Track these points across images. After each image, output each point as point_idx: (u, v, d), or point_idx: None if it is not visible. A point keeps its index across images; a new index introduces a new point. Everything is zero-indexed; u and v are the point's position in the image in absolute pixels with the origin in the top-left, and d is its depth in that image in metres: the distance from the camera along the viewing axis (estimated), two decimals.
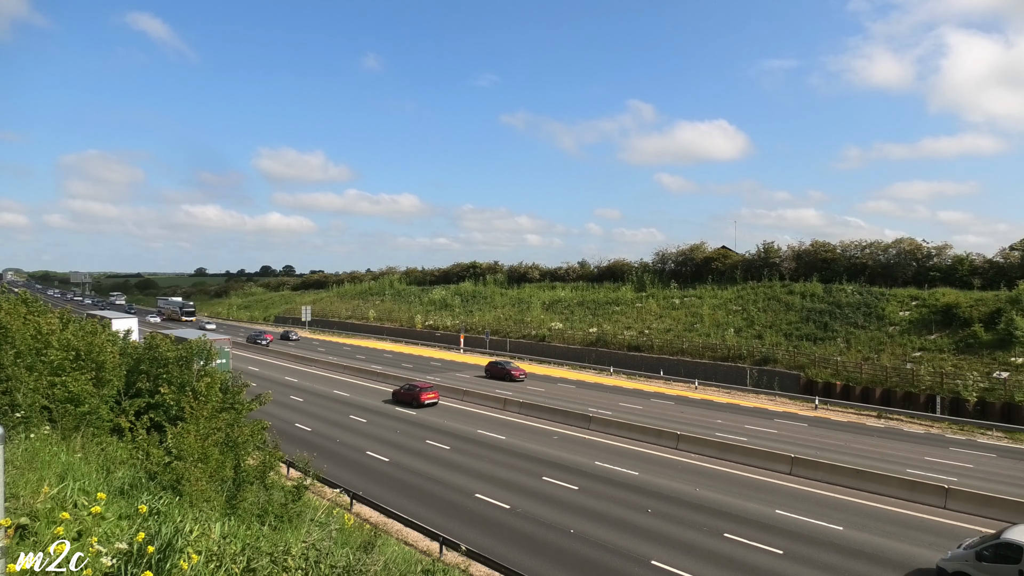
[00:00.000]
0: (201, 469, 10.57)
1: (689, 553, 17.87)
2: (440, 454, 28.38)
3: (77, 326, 19.58)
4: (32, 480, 5.96)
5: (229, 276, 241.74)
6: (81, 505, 5.05)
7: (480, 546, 17.24)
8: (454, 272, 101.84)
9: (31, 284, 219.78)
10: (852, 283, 55.08)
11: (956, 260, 53.88)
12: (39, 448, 7.97)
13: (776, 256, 64.24)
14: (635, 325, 62.72)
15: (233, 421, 14.16)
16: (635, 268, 77.18)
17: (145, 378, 17.77)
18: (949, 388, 39.44)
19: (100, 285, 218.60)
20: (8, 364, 12.08)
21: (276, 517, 12.02)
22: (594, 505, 21.77)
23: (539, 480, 24.55)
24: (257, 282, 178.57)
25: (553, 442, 30.58)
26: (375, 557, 5.78)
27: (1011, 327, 41.31)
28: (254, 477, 13.26)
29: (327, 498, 19.72)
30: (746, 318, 56.67)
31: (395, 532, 19.32)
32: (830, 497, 22.74)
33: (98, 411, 13.51)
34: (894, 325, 48.09)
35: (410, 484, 24.11)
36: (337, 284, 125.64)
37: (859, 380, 43.43)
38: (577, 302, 73.43)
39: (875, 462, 27.51)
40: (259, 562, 4.46)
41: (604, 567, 17.09)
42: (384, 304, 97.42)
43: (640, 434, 31.38)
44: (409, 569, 8.71)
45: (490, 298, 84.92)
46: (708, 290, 64.69)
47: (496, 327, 72.98)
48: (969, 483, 24.22)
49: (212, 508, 8.80)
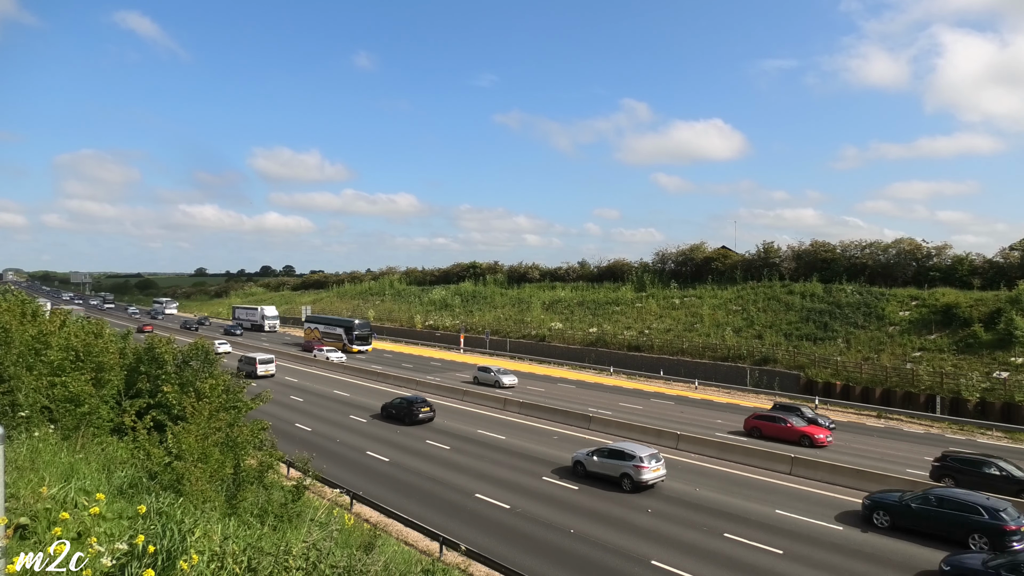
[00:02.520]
0: (201, 469, 10.58)
1: (689, 553, 17.88)
2: (440, 454, 28.38)
3: (79, 326, 19.55)
4: (33, 480, 5.96)
5: (229, 276, 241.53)
6: (81, 505, 5.05)
7: (480, 546, 17.23)
8: (454, 272, 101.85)
9: (35, 285, 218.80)
10: (852, 283, 55.09)
11: (956, 260, 53.90)
12: (40, 448, 7.98)
13: (776, 256, 64.25)
14: (635, 325, 62.73)
15: (233, 421, 14.16)
16: (635, 268, 77.19)
17: (145, 378, 17.78)
18: (949, 388, 39.45)
19: (100, 285, 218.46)
20: (9, 364, 12.09)
21: (276, 517, 12.03)
22: (594, 505, 21.77)
23: (539, 480, 24.55)
24: (257, 282, 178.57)
25: (553, 442, 30.58)
26: (375, 557, 5.78)
27: (1011, 327, 41.32)
28: (253, 477, 13.27)
29: (327, 498, 19.70)
30: (746, 318, 56.68)
31: (395, 532, 19.31)
32: (830, 497, 22.75)
33: (98, 411, 13.53)
34: (894, 325, 48.10)
35: (410, 484, 24.10)
36: (337, 284, 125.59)
37: (859, 380, 43.45)
38: (577, 302, 73.44)
39: (875, 462, 27.52)
40: (260, 562, 4.47)
41: (604, 567, 17.09)
42: (384, 304, 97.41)
43: (640, 434, 31.37)
44: (409, 569, 8.71)
45: (490, 298, 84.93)
46: (708, 290, 64.69)
47: (496, 327, 72.98)
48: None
49: (213, 508, 8.80)
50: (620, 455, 23.75)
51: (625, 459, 23.50)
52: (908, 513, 19.11)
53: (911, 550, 18.05)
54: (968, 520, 18.00)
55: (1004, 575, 14.53)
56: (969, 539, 17.77)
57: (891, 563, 17.33)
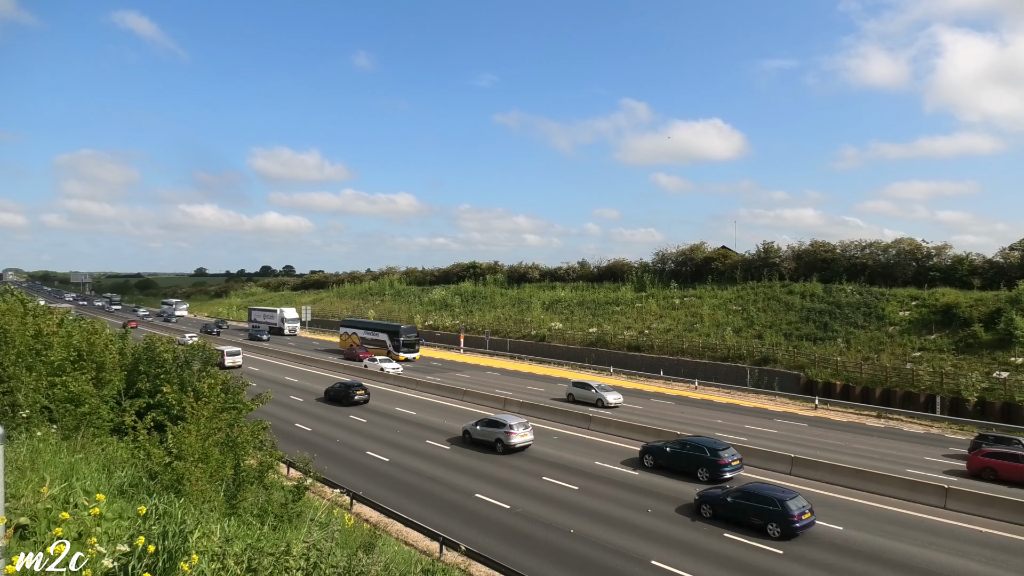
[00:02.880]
0: (202, 469, 10.58)
1: (689, 553, 17.90)
2: (440, 454, 28.39)
3: (76, 326, 19.54)
4: (34, 480, 5.96)
5: (229, 276, 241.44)
6: (81, 505, 5.05)
7: (480, 546, 17.25)
8: (454, 272, 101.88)
9: (36, 285, 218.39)
10: (852, 283, 55.09)
11: (956, 260, 53.91)
12: (41, 448, 7.98)
13: (776, 256, 64.26)
14: (635, 325, 62.75)
15: (233, 421, 14.16)
16: (635, 268, 77.21)
17: (145, 378, 17.77)
18: (949, 388, 39.46)
19: (100, 285, 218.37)
20: (9, 365, 12.09)
21: (276, 517, 12.03)
22: (594, 505, 21.80)
23: (539, 480, 24.57)
24: (257, 282, 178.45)
25: (553, 442, 30.59)
26: (375, 558, 5.78)
27: (1011, 327, 41.33)
28: (254, 477, 13.27)
29: (327, 498, 19.71)
30: (746, 318, 56.69)
31: (395, 532, 19.32)
32: (830, 497, 22.75)
33: (98, 411, 13.52)
34: (894, 325, 48.11)
35: (410, 484, 24.12)
36: (337, 284, 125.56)
37: (859, 380, 43.45)
38: (577, 302, 73.46)
39: (875, 462, 27.52)
40: (260, 562, 4.47)
41: (604, 567, 17.11)
42: (384, 304, 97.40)
43: (640, 434, 31.36)
44: (409, 569, 8.72)
45: (490, 298, 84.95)
46: (708, 290, 64.70)
47: (496, 327, 72.99)
48: (969, 483, 24.26)
49: (213, 508, 8.80)
50: (495, 424, 28.83)
51: (498, 427, 28.43)
52: (664, 455, 25.68)
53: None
54: (698, 458, 24.66)
55: (732, 500, 19.99)
56: (698, 472, 24.36)
57: (891, 563, 17.41)
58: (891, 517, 20.91)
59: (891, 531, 19.66)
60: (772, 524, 18.88)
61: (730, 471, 24.19)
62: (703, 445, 25.22)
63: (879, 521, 20.52)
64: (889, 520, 20.63)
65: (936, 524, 20.33)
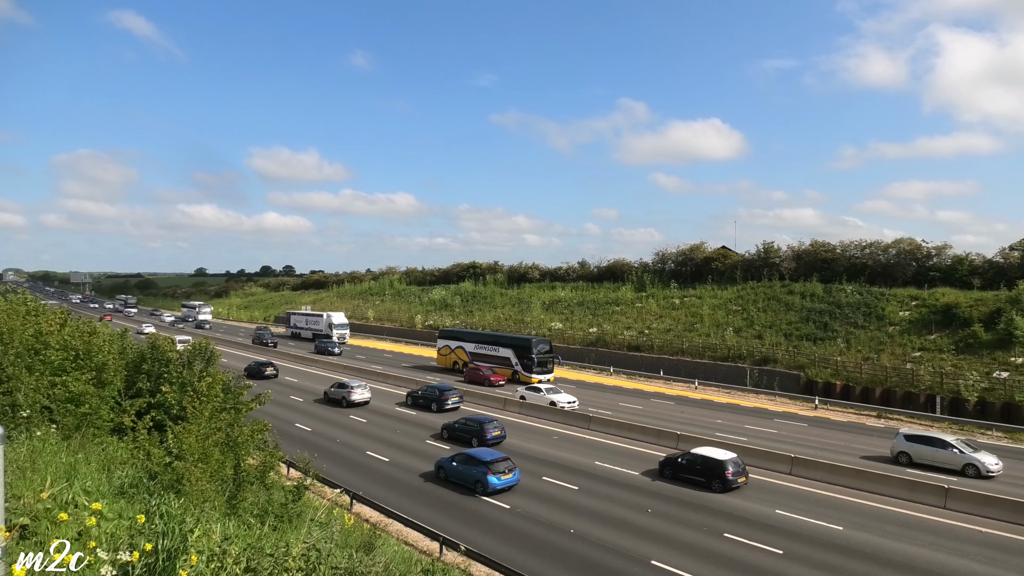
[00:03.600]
0: (202, 469, 10.58)
1: (689, 553, 17.90)
2: (440, 454, 28.35)
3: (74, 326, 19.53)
4: (34, 480, 5.97)
5: (229, 276, 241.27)
6: (82, 505, 5.06)
7: (480, 546, 17.25)
8: (454, 272, 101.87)
9: (37, 285, 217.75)
10: (852, 283, 55.07)
11: (956, 260, 53.89)
12: (41, 448, 7.98)
13: (776, 256, 64.27)
14: (635, 325, 62.75)
15: (233, 421, 14.17)
16: (635, 268, 77.19)
17: (146, 378, 17.77)
18: (949, 388, 39.44)
19: (100, 285, 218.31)
20: (8, 365, 12.09)
21: (276, 517, 12.02)
22: (594, 505, 21.81)
23: (539, 480, 24.57)
24: (257, 282, 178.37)
25: (553, 442, 30.60)
26: (375, 558, 5.78)
27: (1011, 327, 41.32)
28: (254, 477, 13.27)
29: (327, 498, 19.71)
30: (746, 318, 56.69)
31: (395, 532, 19.33)
32: (830, 497, 22.77)
33: (99, 411, 13.52)
34: (894, 325, 48.10)
35: (410, 484, 24.12)
36: (337, 284, 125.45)
37: (859, 380, 43.44)
38: (577, 302, 73.47)
39: (875, 462, 27.51)
40: (260, 563, 4.47)
41: (604, 567, 17.11)
42: (384, 304, 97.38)
43: (640, 434, 31.39)
44: (409, 569, 8.73)
45: (490, 298, 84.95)
46: (708, 290, 64.70)
47: (496, 327, 72.92)
48: (969, 483, 24.26)
49: (213, 508, 8.81)
50: (341, 386, 38.78)
51: (344, 388, 38.24)
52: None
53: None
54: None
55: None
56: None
57: (891, 563, 17.43)
58: (891, 517, 20.94)
59: (891, 531, 19.68)
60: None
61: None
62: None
63: (879, 521, 20.54)
64: (889, 520, 20.65)
65: (936, 524, 20.35)
